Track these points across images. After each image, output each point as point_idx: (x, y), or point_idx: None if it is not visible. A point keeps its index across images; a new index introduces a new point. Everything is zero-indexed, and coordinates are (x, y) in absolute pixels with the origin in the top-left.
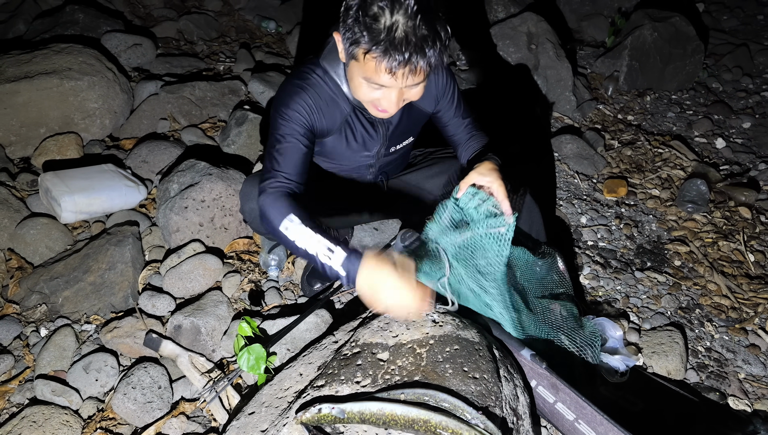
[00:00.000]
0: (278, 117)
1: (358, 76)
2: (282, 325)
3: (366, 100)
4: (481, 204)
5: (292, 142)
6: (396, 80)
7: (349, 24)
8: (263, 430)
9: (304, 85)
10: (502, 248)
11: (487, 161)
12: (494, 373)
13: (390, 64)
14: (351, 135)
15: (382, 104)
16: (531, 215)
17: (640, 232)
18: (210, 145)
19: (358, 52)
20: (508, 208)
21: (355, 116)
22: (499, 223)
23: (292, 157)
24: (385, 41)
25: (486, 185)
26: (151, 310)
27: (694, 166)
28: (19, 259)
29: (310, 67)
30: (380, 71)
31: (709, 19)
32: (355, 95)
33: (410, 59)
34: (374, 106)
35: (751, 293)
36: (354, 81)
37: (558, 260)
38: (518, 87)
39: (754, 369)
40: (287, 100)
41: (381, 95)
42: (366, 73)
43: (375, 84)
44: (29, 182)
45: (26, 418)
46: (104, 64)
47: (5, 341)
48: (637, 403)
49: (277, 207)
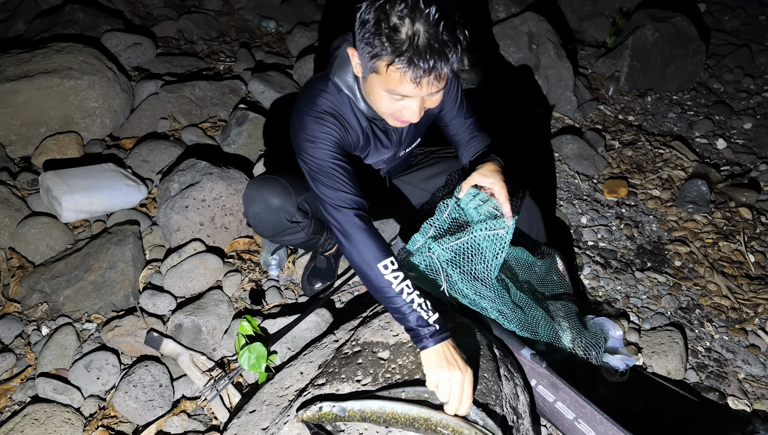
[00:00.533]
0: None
1: (379, 89)
2: (283, 324)
3: (388, 112)
4: (481, 205)
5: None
6: (420, 89)
7: (367, 38)
8: (264, 428)
9: (321, 113)
10: (500, 250)
11: (490, 162)
12: (494, 372)
13: (415, 74)
14: (370, 146)
15: (405, 115)
16: (531, 216)
17: (640, 232)
18: (210, 145)
19: (380, 65)
20: (509, 210)
21: (370, 129)
22: (499, 225)
23: (343, 189)
24: (408, 51)
25: (488, 186)
26: (152, 309)
27: (694, 166)
28: (20, 258)
29: (321, 88)
30: (405, 82)
31: (710, 20)
32: (375, 108)
33: (435, 66)
34: (395, 118)
35: (752, 294)
36: (374, 94)
37: (557, 261)
38: (519, 87)
39: (754, 369)
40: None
41: (403, 105)
42: (389, 85)
43: (398, 95)
44: (30, 181)
45: (28, 415)
46: (104, 63)
47: (7, 340)
48: (637, 402)
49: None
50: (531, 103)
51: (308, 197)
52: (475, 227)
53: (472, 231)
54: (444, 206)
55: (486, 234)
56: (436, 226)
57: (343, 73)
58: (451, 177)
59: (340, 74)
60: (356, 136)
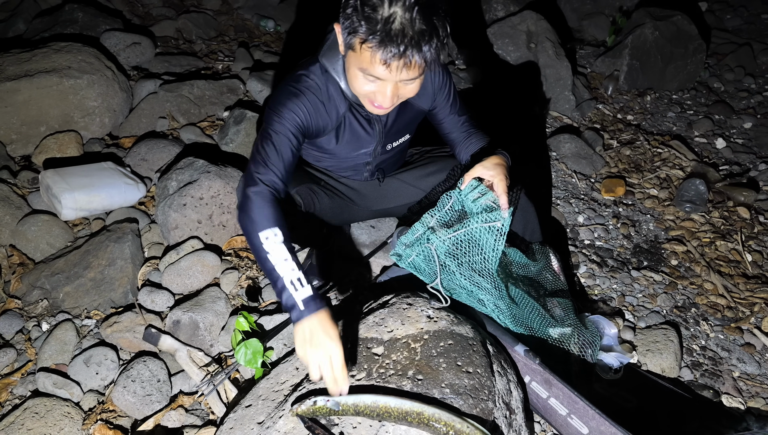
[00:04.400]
0: (273, 115)
1: (354, 66)
2: (279, 321)
3: (361, 93)
4: (479, 197)
5: (285, 140)
6: (390, 73)
7: (348, 13)
8: (260, 422)
9: (301, 88)
10: (498, 242)
11: (494, 156)
12: (488, 368)
13: (385, 56)
14: (348, 132)
15: (377, 98)
16: (526, 215)
17: (637, 231)
18: (208, 144)
19: (355, 42)
20: (505, 202)
21: (351, 114)
22: (496, 217)
23: (283, 154)
24: (381, 32)
25: (488, 178)
26: (150, 306)
27: (693, 166)
28: (21, 255)
29: (308, 67)
30: (375, 62)
31: (711, 18)
32: (351, 88)
33: (405, 52)
34: (370, 102)
35: (748, 293)
36: (350, 71)
37: (552, 259)
38: (517, 86)
39: (749, 367)
40: (283, 101)
41: (376, 88)
42: (362, 63)
43: (370, 75)
44: (30, 180)
45: (28, 409)
46: (103, 62)
47: (8, 335)
48: (631, 400)
49: (265, 212)
50: (529, 102)
51: (301, 190)
52: (471, 219)
53: (469, 223)
54: (447, 198)
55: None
56: (437, 217)
57: (332, 56)
58: (454, 171)
59: (329, 56)
60: (332, 118)
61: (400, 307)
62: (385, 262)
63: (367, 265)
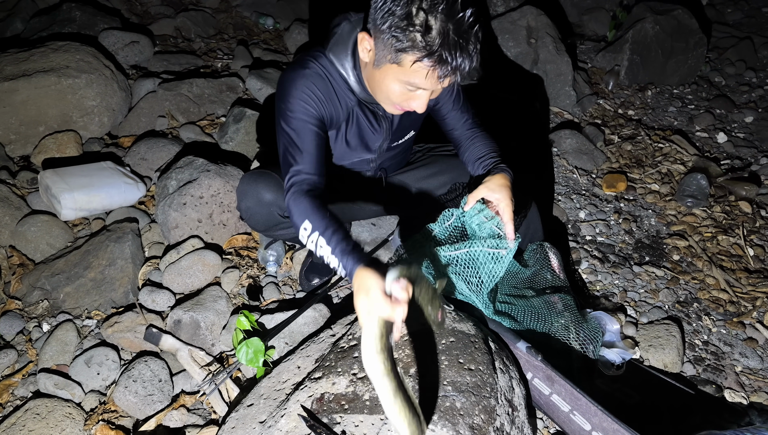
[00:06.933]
0: (286, 111)
1: (395, 80)
2: (280, 320)
3: (396, 100)
4: (485, 222)
5: (304, 134)
6: (441, 84)
7: (394, 30)
8: (262, 422)
9: (308, 73)
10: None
11: (499, 174)
12: (489, 365)
13: (443, 72)
14: (355, 128)
15: (413, 105)
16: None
17: (638, 226)
18: (208, 142)
19: (405, 59)
20: (511, 232)
21: (360, 110)
22: (501, 245)
23: (307, 149)
24: (439, 50)
25: (494, 202)
26: (151, 306)
27: (694, 160)
28: (21, 255)
29: (315, 56)
30: (430, 78)
31: (712, 12)
32: (379, 95)
33: (460, 65)
34: (398, 107)
35: (750, 287)
36: (385, 83)
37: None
38: (517, 82)
39: (751, 362)
40: (292, 91)
41: (416, 96)
42: (410, 78)
43: (415, 87)
44: (29, 180)
45: (30, 410)
46: (102, 61)
47: (8, 336)
48: (633, 395)
49: (296, 210)
50: (530, 98)
51: None
52: (476, 243)
53: (472, 244)
54: (448, 215)
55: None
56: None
57: (340, 51)
58: (455, 186)
59: (336, 52)
60: (338, 111)
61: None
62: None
63: None
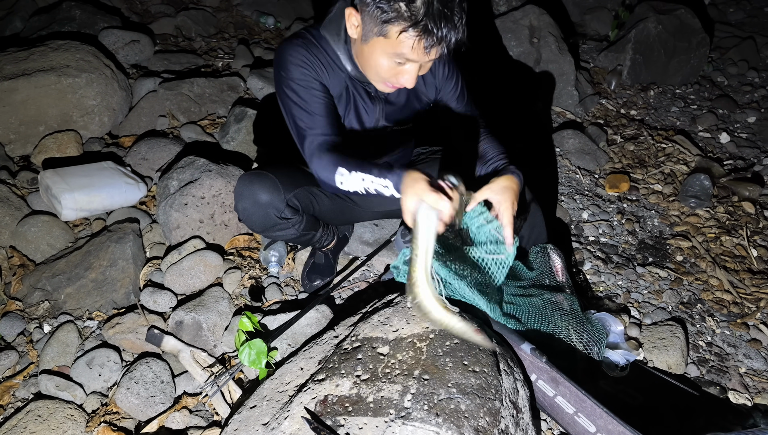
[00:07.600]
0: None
1: (383, 53)
2: (283, 321)
3: (385, 76)
4: (484, 224)
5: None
6: (428, 56)
7: (378, 3)
8: (265, 424)
9: (304, 42)
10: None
11: (505, 177)
12: (494, 367)
13: (429, 42)
14: (351, 107)
15: (402, 79)
16: (532, 219)
17: (642, 227)
18: (209, 142)
19: (391, 30)
20: (510, 237)
21: (354, 87)
22: (500, 251)
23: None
24: (424, 20)
25: (495, 205)
26: (152, 306)
27: (697, 161)
28: (21, 256)
29: (309, 31)
30: (417, 49)
31: (714, 12)
32: (369, 71)
33: (446, 36)
34: (388, 83)
35: (754, 288)
36: (373, 58)
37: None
38: (520, 82)
39: (755, 363)
40: (291, 59)
41: (404, 70)
42: (397, 49)
43: (403, 59)
44: (29, 180)
45: (31, 412)
46: (102, 60)
47: (9, 337)
48: (637, 397)
49: (324, 167)
50: (532, 98)
51: (299, 193)
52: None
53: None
54: None
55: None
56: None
57: (332, 30)
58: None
59: (330, 30)
60: (337, 85)
61: (405, 306)
62: (389, 261)
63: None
